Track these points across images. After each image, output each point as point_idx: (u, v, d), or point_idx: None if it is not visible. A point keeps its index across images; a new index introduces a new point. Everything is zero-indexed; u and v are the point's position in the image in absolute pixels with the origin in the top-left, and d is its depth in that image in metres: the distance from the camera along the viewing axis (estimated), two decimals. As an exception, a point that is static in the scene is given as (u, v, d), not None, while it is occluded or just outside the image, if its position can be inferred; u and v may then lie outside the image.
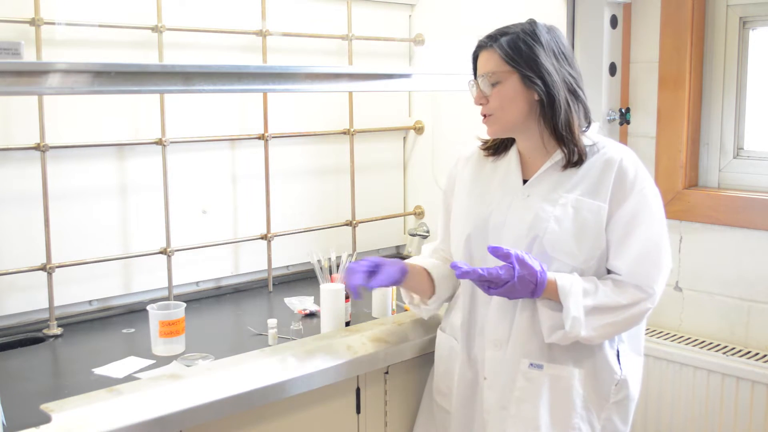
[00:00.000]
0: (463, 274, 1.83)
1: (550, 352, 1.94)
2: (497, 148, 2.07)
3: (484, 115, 1.95)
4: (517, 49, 1.89)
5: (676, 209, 2.93)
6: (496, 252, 1.83)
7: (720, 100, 2.94)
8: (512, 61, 1.89)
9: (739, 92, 2.91)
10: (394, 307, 2.53)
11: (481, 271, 1.82)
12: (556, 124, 1.91)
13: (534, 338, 1.93)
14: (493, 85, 1.91)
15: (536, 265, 1.85)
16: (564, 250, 1.91)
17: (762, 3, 2.82)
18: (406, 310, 2.58)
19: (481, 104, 1.93)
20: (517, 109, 1.91)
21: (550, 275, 1.87)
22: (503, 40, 1.90)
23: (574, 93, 1.94)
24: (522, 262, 1.84)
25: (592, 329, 1.87)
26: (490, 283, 1.83)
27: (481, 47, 1.94)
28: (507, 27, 1.94)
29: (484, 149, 2.09)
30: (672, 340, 2.89)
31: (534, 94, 1.91)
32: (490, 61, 1.91)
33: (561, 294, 1.86)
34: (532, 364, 1.94)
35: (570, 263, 1.91)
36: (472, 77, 1.97)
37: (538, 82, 1.89)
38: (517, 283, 1.82)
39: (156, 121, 2.63)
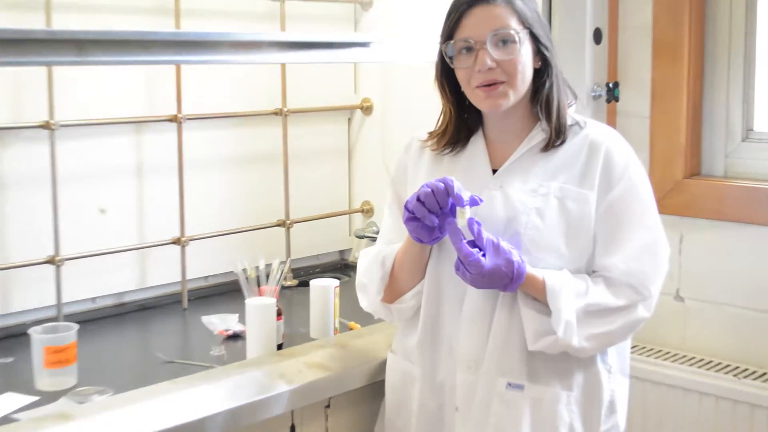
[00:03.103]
0: (451, 230, 1.86)
1: (531, 369, 1.94)
2: (454, 140, 2.06)
3: (489, 84, 1.93)
4: (527, 5, 1.95)
5: (674, 203, 2.95)
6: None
7: (725, 72, 2.96)
8: (527, 19, 1.94)
9: (748, 63, 2.93)
10: (337, 326, 2.51)
11: (461, 244, 1.85)
12: (550, 97, 1.96)
13: (512, 351, 1.94)
14: (504, 45, 1.91)
15: (515, 257, 1.87)
16: (549, 248, 1.92)
17: (774, -44, 2.85)
18: (351, 329, 2.56)
19: (490, 69, 1.91)
20: (528, 75, 1.96)
21: (534, 271, 1.89)
22: None
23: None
24: (497, 249, 1.86)
25: (585, 338, 1.88)
26: (467, 264, 1.85)
27: (475, 3, 1.92)
28: None
29: (437, 148, 2.07)
30: (673, 361, 2.90)
31: (537, 58, 1.97)
32: (501, 18, 1.91)
33: (550, 295, 1.87)
34: (510, 384, 1.94)
35: (557, 264, 1.92)
36: (467, 39, 1.93)
37: (547, 44, 1.96)
38: (487, 274, 1.84)
39: (41, 100, 2.58)
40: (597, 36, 2.89)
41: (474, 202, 1.87)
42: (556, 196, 1.94)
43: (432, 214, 1.88)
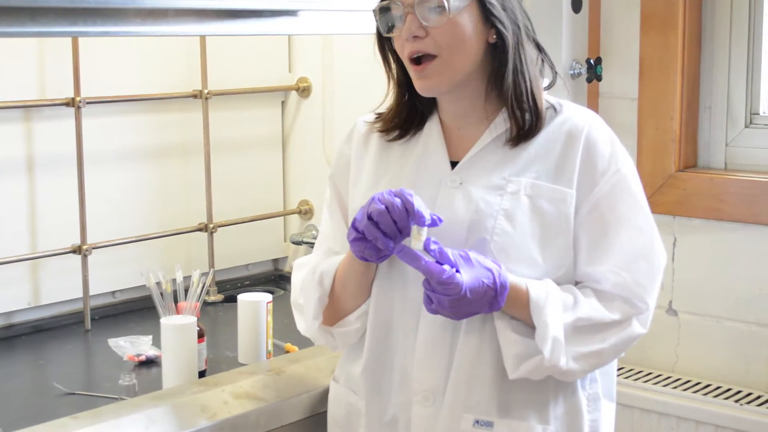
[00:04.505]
0: (405, 255, 1.80)
1: (502, 401, 1.93)
2: (405, 125, 2.05)
3: (417, 59, 1.93)
4: None
5: (667, 200, 2.98)
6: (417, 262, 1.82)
7: (726, 46, 2.99)
8: None
9: (753, 36, 2.96)
10: (270, 348, 2.51)
11: (426, 263, 1.79)
12: (517, 81, 1.93)
13: (480, 382, 1.92)
14: (439, 13, 1.89)
15: (490, 264, 1.84)
16: (521, 258, 1.90)
17: None
18: (287, 352, 2.56)
19: (416, 37, 1.91)
20: (471, 51, 1.91)
21: (516, 279, 1.87)
22: None
23: (533, 39, 1.98)
24: (467, 260, 1.83)
25: (572, 358, 1.88)
26: (441, 286, 1.79)
27: None
28: None
29: (384, 131, 2.07)
30: (665, 384, 2.93)
31: (491, 33, 1.92)
32: None
33: (533, 308, 1.86)
34: (478, 422, 1.93)
35: (531, 276, 1.91)
36: (395, 1, 1.93)
37: (503, 16, 1.91)
38: (469, 292, 1.80)
39: None
40: (576, 3, 2.90)
41: (434, 222, 1.82)
42: (527, 195, 1.92)
43: (387, 238, 1.84)
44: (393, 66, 2.02)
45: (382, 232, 1.83)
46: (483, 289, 1.81)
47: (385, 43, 2.01)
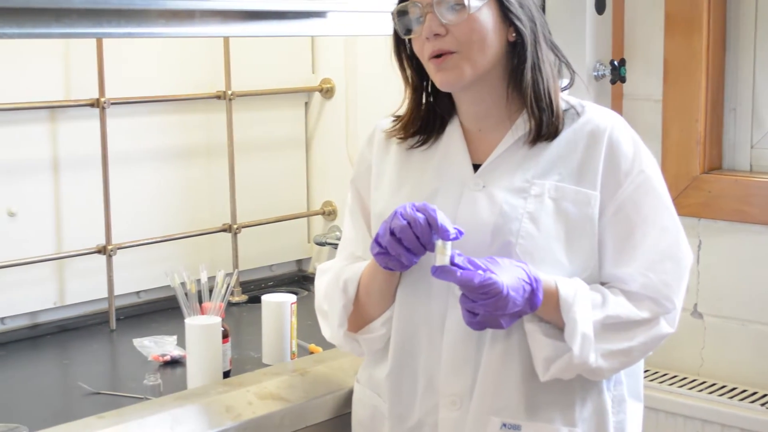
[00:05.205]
0: (440, 273, 1.78)
1: (530, 404, 1.93)
2: (425, 132, 2.05)
3: (438, 55, 1.93)
4: None
5: (692, 202, 2.97)
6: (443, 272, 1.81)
7: (751, 47, 2.99)
8: None
9: (778, 36, 2.96)
10: (294, 349, 2.51)
11: (462, 274, 1.76)
12: (536, 79, 1.93)
13: (508, 384, 1.92)
14: (456, 8, 1.90)
15: (518, 263, 1.84)
16: (547, 260, 1.90)
17: None
18: (311, 353, 2.56)
19: (437, 36, 1.92)
20: (491, 48, 1.92)
21: (545, 277, 1.87)
22: None
23: (549, 40, 1.99)
24: (495, 263, 1.82)
25: (602, 356, 1.88)
26: (482, 291, 1.77)
27: None
28: None
29: (403, 138, 2.06)
30: (690, 387, 2.93)
31: (510, 31, 1.93)
32: None
33: (563, 305, 1.86)
34: (505, 425, 1.92)
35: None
36: (414, 2, 1.94)
37: (521, 13, 1.92)
38: (509, 290, 1.78)
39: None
40: (599, 5, 2.90)
41: (457, 236, 1.81)
42: (551, 197, 1.92)
43: (410, 253, 1.84)
44: (409, 70, 2.02)
45: (405, 248, 1.83)
46: (520, 284, 1.80)
47: (401, 47, 2.02)
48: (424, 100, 2.03)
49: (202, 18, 2.22)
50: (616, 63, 2.94)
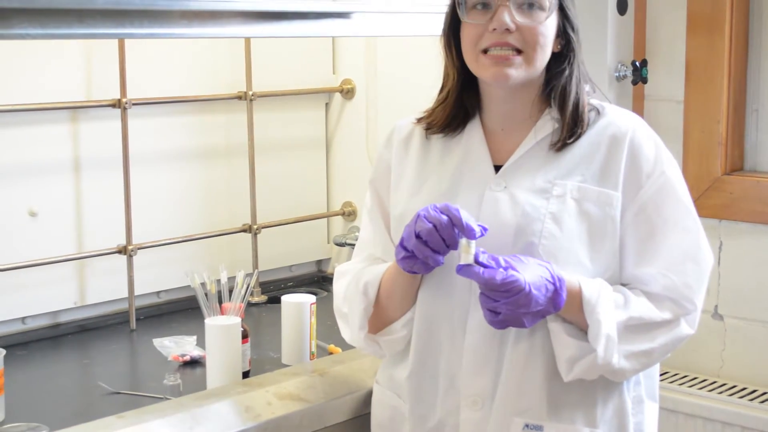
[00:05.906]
0: (465, 272, 1.79)
1: (552, 404, 1.93)
2: (453, 122, 2.05)
3: (490, 49, 1.93)
4: None
5: (713, 203, 2.96)
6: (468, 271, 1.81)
7: (773, 48, 2.98)
8: None
9: (800, 37, 2.95)
10: (314, 350, 2.52)
11: (485, 272, 1.77)
12: (567, 88, 1.96)
13: (531, 386, 1.93)
14: (530, 9, 1.92)
15: (542, 262, 1.85)
16: (569, 261, 1.91)
17: None
18: (331, 353, 2.57)
19: (507, 30, 1.92)
20: (548, 54, 1.96)
21: (569, 277, 1.87)
22: None
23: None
24: (518, 261, 1.82)
25: (624, 357, 1.88)
26: (503, 288, 1.78)
27: None
28: None
29: (432, 129, 2.06)
30: (710, 389, 2.92)
31: (559, 40, 1.97)
32: None
33: (586, 306, 1.86)
34: (528, 426, 1.93)
35: None
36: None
37: (575, 25, 1.97)
38: (531, 287, 1.79)
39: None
40: (621, 5, 2.90)
41: (482, 234, 1.82)
42: (573, 198, 1.92)
43: (437, 254, 1.84)
44: (456, 52, 2.01)
45: (432, 250, 1.83)
46: (543, 282, 1.81)
47: (454, 27, 2.00)
48: (458, 86, 2.03)
49: (223, 18, 2.23)
50: (637, 64, 2.94)
